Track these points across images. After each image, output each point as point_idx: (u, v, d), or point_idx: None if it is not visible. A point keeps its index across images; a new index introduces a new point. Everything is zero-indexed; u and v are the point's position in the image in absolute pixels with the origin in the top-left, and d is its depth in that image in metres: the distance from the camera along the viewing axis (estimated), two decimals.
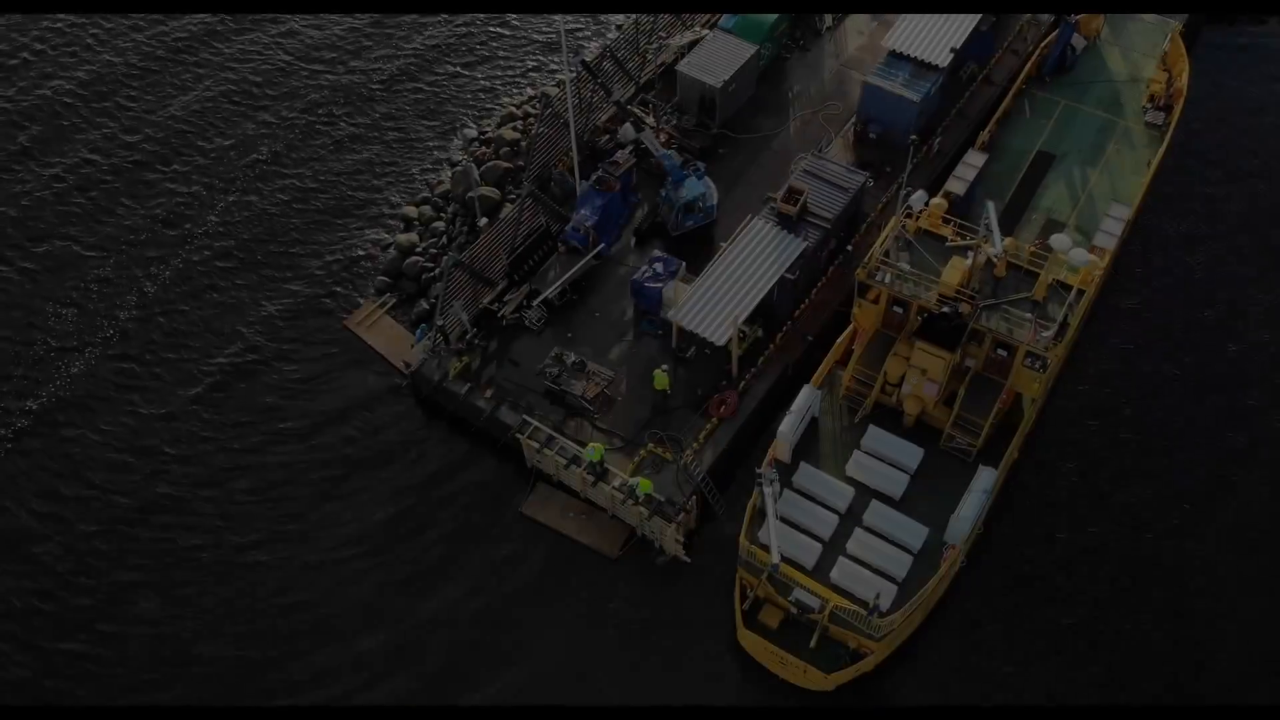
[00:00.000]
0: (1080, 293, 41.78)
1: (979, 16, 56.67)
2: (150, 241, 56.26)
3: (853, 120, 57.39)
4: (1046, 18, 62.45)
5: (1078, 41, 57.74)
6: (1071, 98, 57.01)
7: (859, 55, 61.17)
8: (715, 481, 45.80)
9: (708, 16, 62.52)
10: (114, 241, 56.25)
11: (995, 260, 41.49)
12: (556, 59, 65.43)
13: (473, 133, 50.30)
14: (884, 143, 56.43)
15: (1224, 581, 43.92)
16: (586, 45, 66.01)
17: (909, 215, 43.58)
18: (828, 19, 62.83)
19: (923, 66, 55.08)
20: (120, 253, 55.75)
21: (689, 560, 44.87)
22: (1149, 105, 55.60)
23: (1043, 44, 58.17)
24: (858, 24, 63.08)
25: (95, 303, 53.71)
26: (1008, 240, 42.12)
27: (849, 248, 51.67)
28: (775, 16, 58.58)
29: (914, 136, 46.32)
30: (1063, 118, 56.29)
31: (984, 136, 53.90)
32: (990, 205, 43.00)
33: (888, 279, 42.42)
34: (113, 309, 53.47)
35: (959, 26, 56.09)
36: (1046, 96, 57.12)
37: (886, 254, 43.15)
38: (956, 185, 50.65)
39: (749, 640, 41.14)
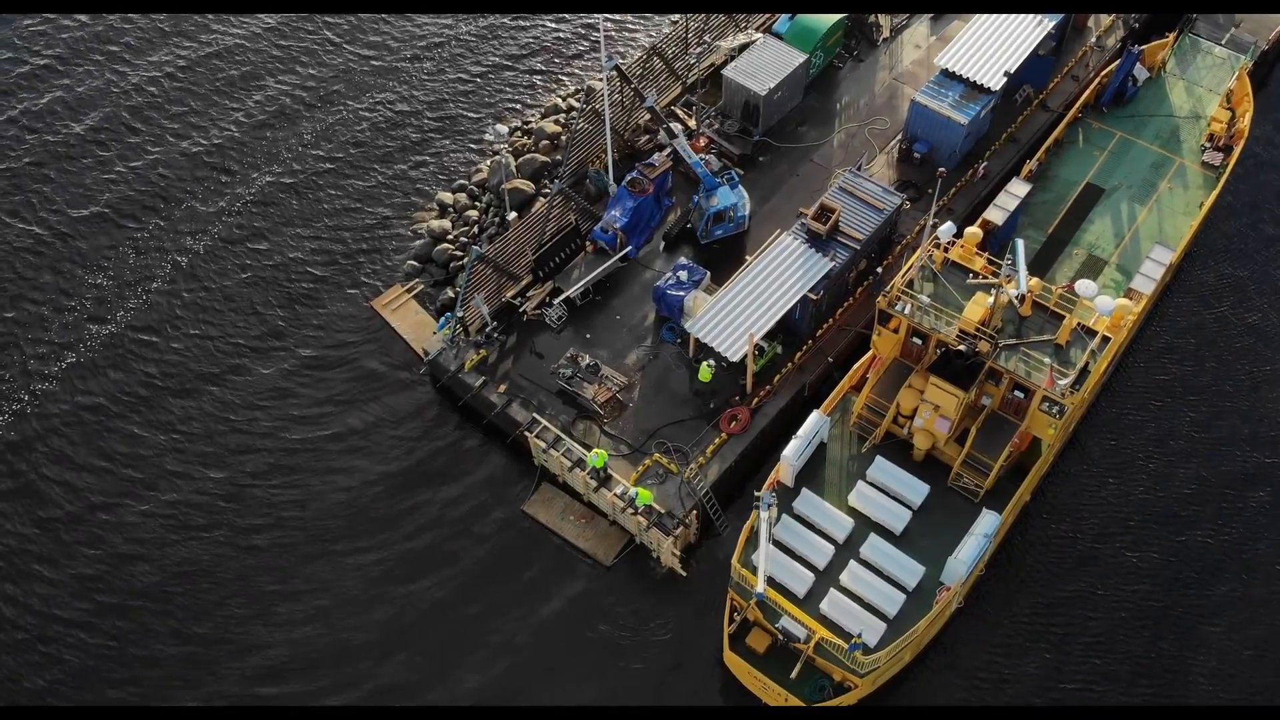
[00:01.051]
0: (1105, 340, 40.50)
1: (1038, 40, 55.01)
2: (186, 216, 57.15)
3: (899, 137, 56.23)
4: (1111, 44, 60.43)
5: (1140, 72, 55.90)
6: (1128, 130, 55.27)
7: (913, 70, 59.83)
8: (720, 497, 45.53)
9: (763, 18, 61.56)
10: (153, 212, 57.32)
11: (1016, 302, 40.35)
12: (617, 50, 65.13)
13: (504, 129, 50.15)
14: (928, 163, 55.24)
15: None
16: (634, 42, 65.40)
17: (936, 246, 42.58)
18: (884, 30, 61.51)
19: (974, 88, 53.67)
20: (158, 224, 56.79)
21: (685, 574, 44.67)
22: (1208, 144, 53.65)
23: (1103, 72, 56.35)
24: (915, 37, 61.68)
25: (127, 273, 54.76)
26: (1033, 281, 40.93)
27: (878, 270, 50.73)
28: (828, 25, 57.47)
29: (941, 169, 45.31)
30: (1117, 150, 54.61)
31: (1030, 166, 52.47)
32: (1019, 243, 41.84)
33: (908, 310, 41.55)
34: (146, 278, 54.51)
35: (1016, 49, 54.51)
36: (1102, 127, 55.46)
37: (910, 284, 42.26)
38: (996, 214, 49.33)
39: (733, 662, 40.90)
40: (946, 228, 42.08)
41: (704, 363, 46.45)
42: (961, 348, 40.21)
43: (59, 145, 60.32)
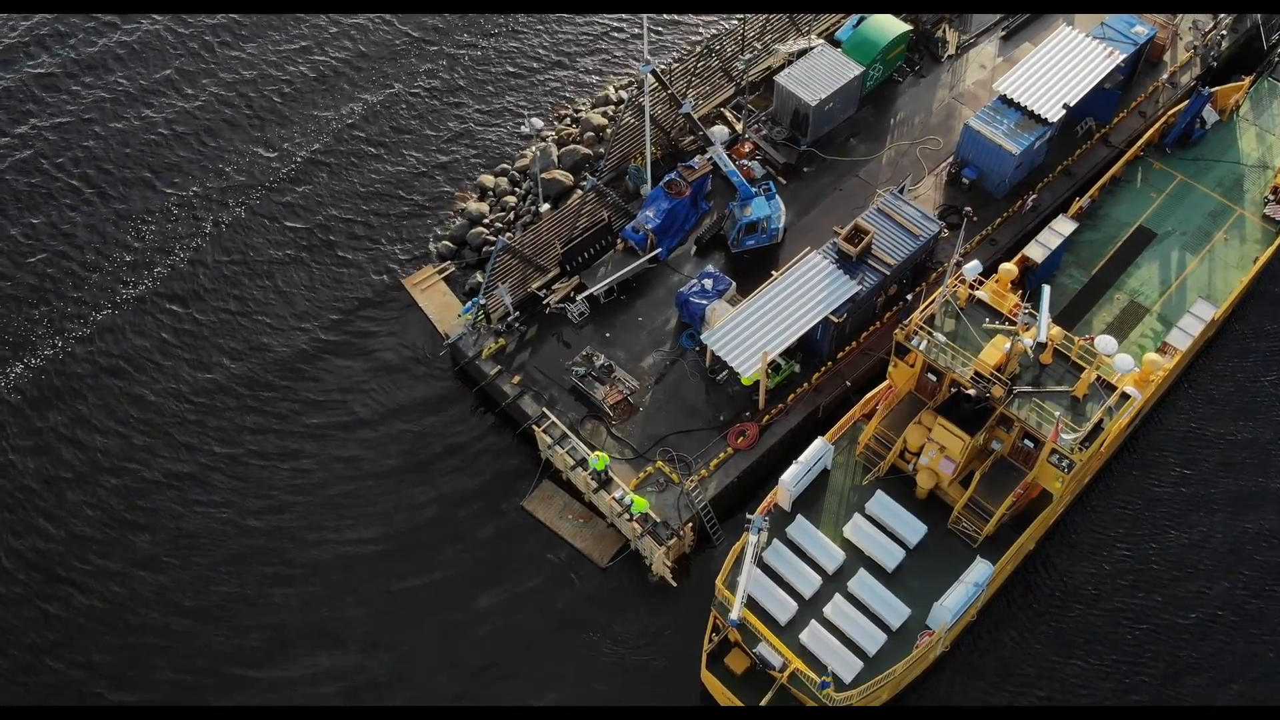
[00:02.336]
0: (1125, 398, 39.23)
1: (1105, 72, 53.08)
2: (226, 187, 57.98)
3: (950, 160, 54.86)
4: (1184, 82, 58.06)
5: (1209, 114, 53.78)
6: (1189, 174, 53.25)
7: (974, 91, 58.22)
8: (720, 511, 45.32)
9: (828, 23, 60.36)
10: (195, 180, 58.30)
11: (1030, 350, 39.24)
12: (666, 45, 64.48)
13: (540, 122, 49.96)
14: (977, 189, 53.89)
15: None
16: (694, 39, 64.62)
17: (961, 282, 41.58)
18: (950, 46, 59.89)
19: (1031, 118, 52.05)
20: (198, 192, 57.77)
21: (675, 585, 44.60)
22: (1271, 197, 51.45)
23: (1171, 111, 54.30)
24: (981, 56, 59.95)
25: (162, 239, 55.76)
26: (1054, 330, 39.77)
27: (908, 297, 49.73)
28: (890, 38, 56.13)
29: (968, 209, 44.11)
30: (1175, 194, 52.70)
31: (1080, 204, 50.86)
32: (1045, 290, 40.63)
33: (924, 346, 40.69)
34: (181, 245, 55.54)
35: (1080, 80, 52.67)
36: (1163, 168, 53.54)
37: (931, 319, 41.35)
38: (1036, 251, 48.08)
39: (709, 681, 40.76)
40: (972, 265, 41.10)
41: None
42: (971, 391, 39.31)
43: (112, 104, 61.59)
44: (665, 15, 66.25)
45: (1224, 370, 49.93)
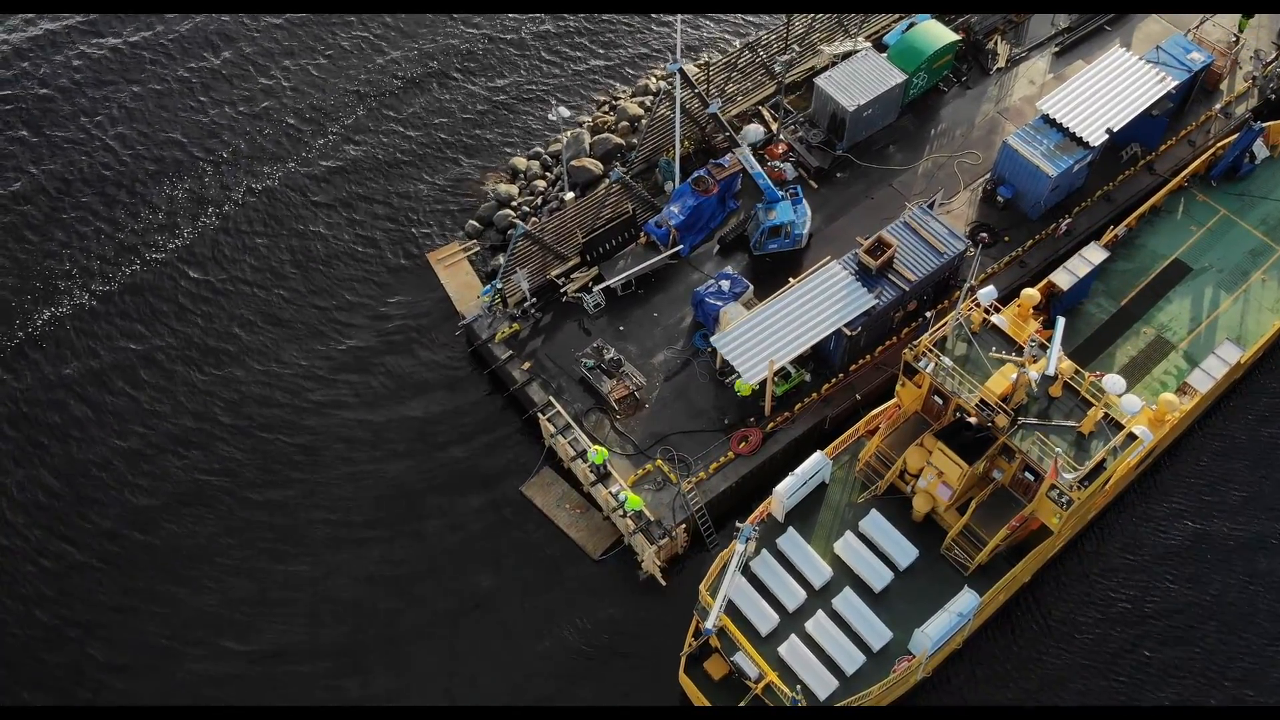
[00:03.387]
0: (1131, 439, 38.37)
1: (1154, 99, 51.60)
2: (262, 158, 58.51)
3: (986, 177, 53.82)
4: (1240, 113, 56.24)
5: (1260, 150, 52.15)
6: (1233, 209, 51.74)
7: (1020, 107, 56.96)
8: (717, 515, 45.19)
9: (878, 26, 59.36)
10: (227, 146, 58.97)
11: (1034, 383, 38.48)
12: (709, 40, 63.91)
13: (567, 111, 49.77)
14: (1011, 209, 52.85)
15: None
16: (735, 34, 64.00)
17: (975, 306, 40.87)
18: (1001, 59, 58.59)
19: (1072, 140, 50.82)
20: (228, 159, 58.45)
21: (664, 584, 44.65)
22: None
23: (1221, 143, 52.71)
24: (1031, 71, 58.56)
25: (192, 207, 56.48)
26: (1064, 364, 38.95)
27: (928, 314, 49.00)
28: (936, 47, 55.04)
29: (983, 234, 43.27)
30: (1216, 229, 51.28)
31: (1115, 233, 49.67)
32: (1060, 322, 39.77)
33: (931, 368, 40.13)
34: (205, 210, 56.28)
35: (1127, 105, 51.26)
36: (1206, 201, 52.08)
37: (943, 341, 40.72)
38: (1063, 277, 47.15)
39: (685, 684, 40.81)
40: (988, 291, 40.38)
41: (737, 378, 45.98)
42: (972, 420, 38.73)
43: (154, 66, 62.54)
44: (710, 15, 65.41)
45: (1246, 416, 48.54)
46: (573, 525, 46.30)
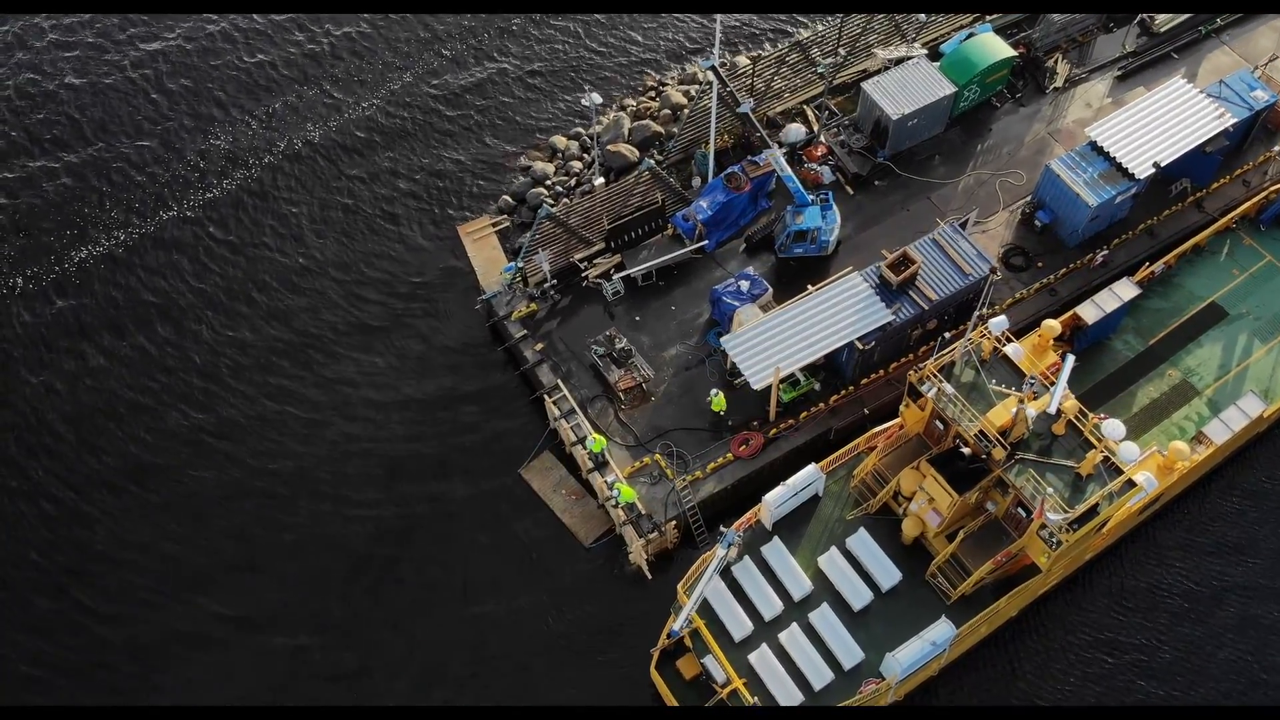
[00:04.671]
0: (1129, 485, 37.53)
1: (1209, 135, 49.95)
2: (299, 120, 59.37)
3: (1027, 199, 52.64)
4: None
5: None
6: (1279, 256, 50.03)
7: (1072, 129, 55.45)
8: (710, 515, 45.23)
9: (939, 33, 58.12)
10: (265, 106, 59.78)
11: (1030, 420, 37.73)
12: (758, 36, 63.19)
13: (599, 98, 49.49)
14: (1049, 234, 51.68)
15: None
16: (787, 33, 63.14)
17: (985, 335, 40.15)
18: (1059, 78, 57.04)
19: (1117, 170, 49.45)
20: (273, 122, 59.26)
21: (650, 578, 44.88)
22: None
23: (1275, 187, 50.87)
24: (1089, 94, 56.93)
25: (226, 160, 57.47)
26: (1068, 403, 38.13)
27: (946, 334, 48.13)
28: (991, 61, 53.76)
29: (994, 265, 42.50)
30: (1259, 275, 49.66)
31: (1150, 270, 48.33)
32: (1069, 359, 38.90)
33: (934, 393, 39.58)
34: (237, 171, 57.20)
35: (1179, 139, 49.70)
36: (1252, 245, 50.40)
37: (951, 366, 40.10)
38: (1089, 311, 46.06)
39: (656, 680, 41.10)
40: (999, 320, 39.63)
41: (717, 392, 46.01)
42: (965, 450, 38.21)
43: (209, 29, 63.40)
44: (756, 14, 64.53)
45: (1264, 473, 47.21)
46: (567, 511, 46.66)
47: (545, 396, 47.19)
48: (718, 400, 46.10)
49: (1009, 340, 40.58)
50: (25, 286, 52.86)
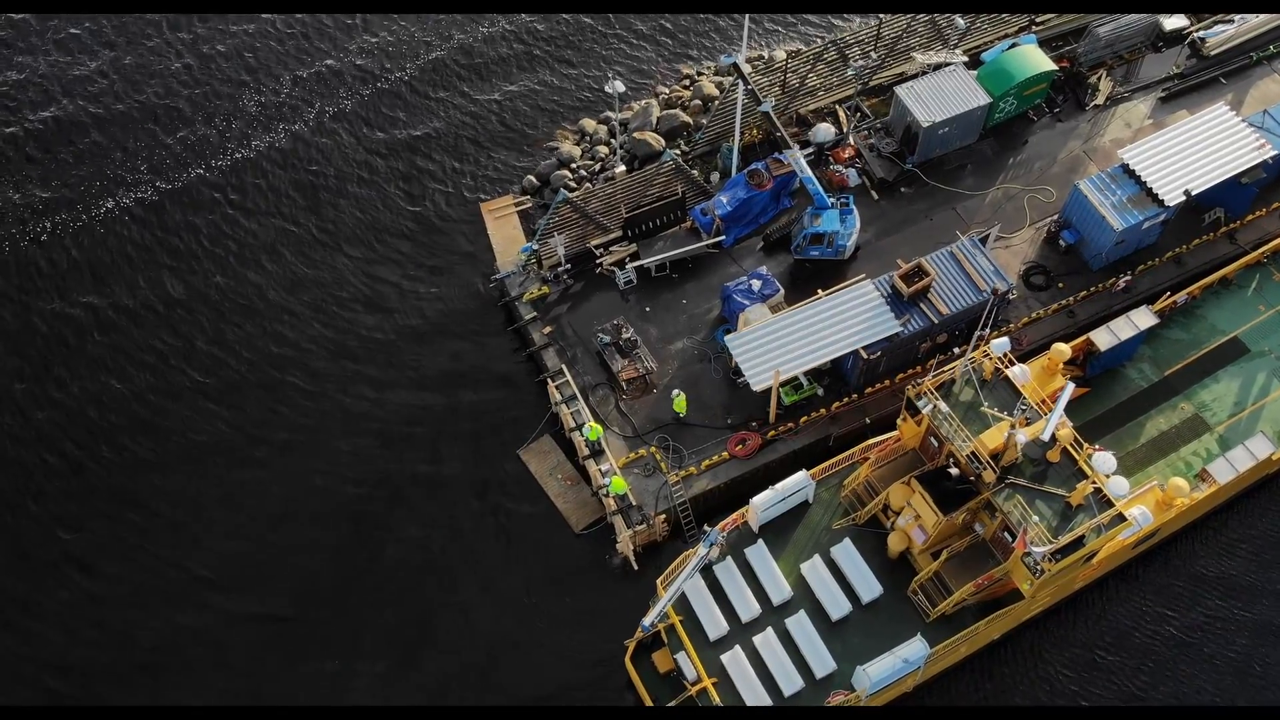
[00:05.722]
0: (1119, 519, 37.04)
1: (1246, 166, 48.74)
2: (326, 91, 59.97)
3: (1054, 217, 51.74)
4: None
5: None
6: None
7: (1109, 149, 54.25)
8: (701, 511, 45.30)
9: (981, 41, 57.11)
10: (295, 74, 60.23)
11: (1020, 446, 37.26)
12: (796, 34, 62.57)
13: (621, 85, 49.22)
14: (1073, 255, 50.81)
15: None
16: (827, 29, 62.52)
17: (987, 356, 39.68)
18: (1100, 95, 55.84)
19: (1147, 195, 48.43)
20: (303, 90, 59.79)
21: (636, 569, 45.15)
22: None
23: None
24: (1130, 113, 55.65)
25: (254, 126, 58.07)
26: (1064, 431, 37.60)
27: (955, 349, 47.73)
28: (1030, 74, 52.72)
29: (998, 287, 42.05)
30: None
31: (1172, 301, 47.38)
32: (1069, 387, 38.36)
33: (929, 410, 39.25)
34: (264, 137, 57.75)
35: (1214, 169, 48.56)
36: None
37: (950, 384, 39.73)
38: (1103, 337, 45.24)
39: (630, 670, 41.41)
40: (1001, 342, 39.16)
41: (679, 394, 46.01)
42: (953, 471, 37.91)
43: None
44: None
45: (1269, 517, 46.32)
46: (561, 495, 47.00)
47: (549, 380, 47.46)
48: (679, 401, 46.06)
49: (1011, 362, 40.08)
50: (52, 232, 54.13)
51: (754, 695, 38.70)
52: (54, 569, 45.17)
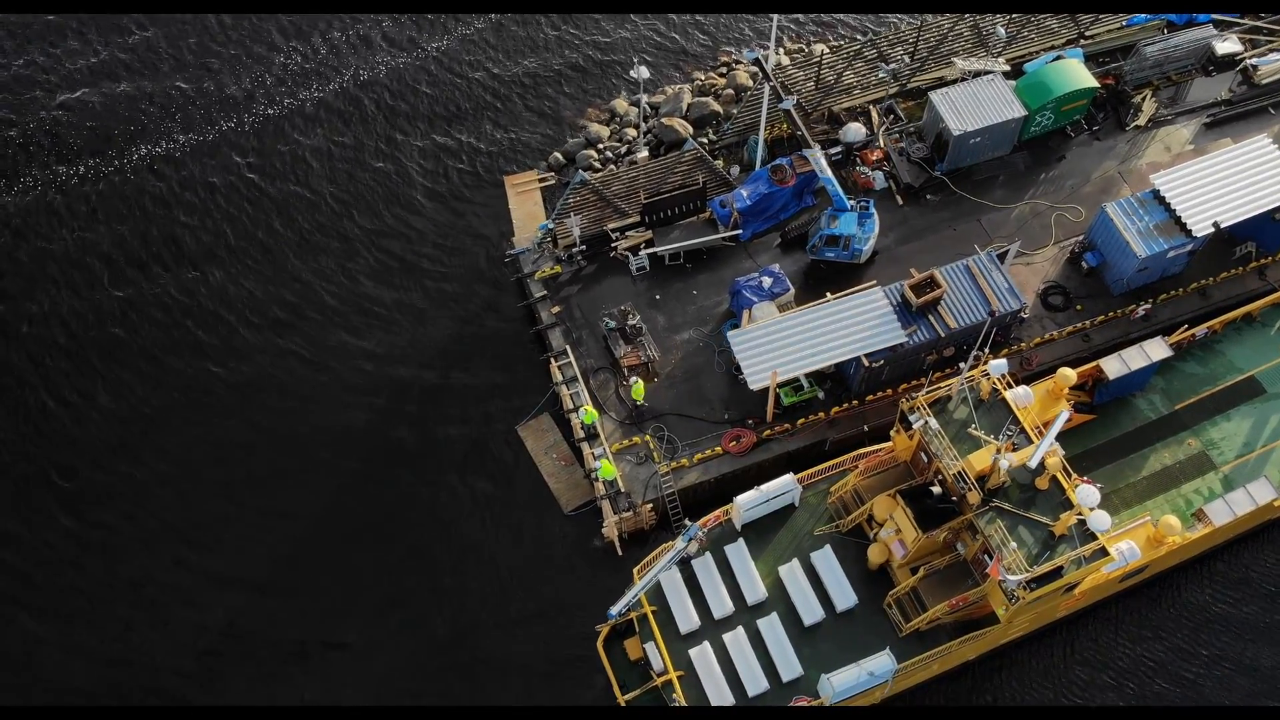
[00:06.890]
0: (1102, 553, 36.58)
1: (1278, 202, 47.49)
2: (355, 58, 59.89)
3: (1080, 237, 50.79)
4: None
5: None
6: None
7: (1144, 171, 52.91)
8: (689, 502, 45.41)
9: (1026, 51, 55.95)
10: (327, 39, 60.35)
11: (1003, 470, 36.79)
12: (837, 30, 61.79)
13: (646, 71, 48.83)
14: (1095, 278, 49.90)
15: None
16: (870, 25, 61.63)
17: (985, 376, 39.22)
18: (1143, 116, 54.50)
19: (1175, 223, 47.33)
20: (329, 57, 59.92)
21: (620, 553, 45.44)
22: None
23: None
24: (1171, 137, 54.25)
25: (279, 92, 58.43)
26: (1052, 459, 37.08)
27: (962, 364, 47.05)
28: (1069, 89, 51.51)
29: (994, 310, 41.38)
30: None
31: (1190, 334, 46.39)
32: (1063, 415, 37.81)
33: (921, 424, 38.90)
34: (298, 99, 58.27)
35: (1246, 202, 47.28)
36: None
37: (945, 401, 39.34)
38: (1113, 365, 44.44)
39: (601, 654, 41.72)
40: (998, 364, 38.66)
41: (637, 380, 46.06)
42: (935, 489, 37.62)
43: None
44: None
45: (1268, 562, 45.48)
46: (554, 475, 47.37)
47: (552, 359, 47.71)
48: (637, 388, 46.04)
49: (1010, 384, 39.57)
50: (77, 178, 55.18)
51: (718, 692, 38.88)
52: (44, 512, 46.45)
